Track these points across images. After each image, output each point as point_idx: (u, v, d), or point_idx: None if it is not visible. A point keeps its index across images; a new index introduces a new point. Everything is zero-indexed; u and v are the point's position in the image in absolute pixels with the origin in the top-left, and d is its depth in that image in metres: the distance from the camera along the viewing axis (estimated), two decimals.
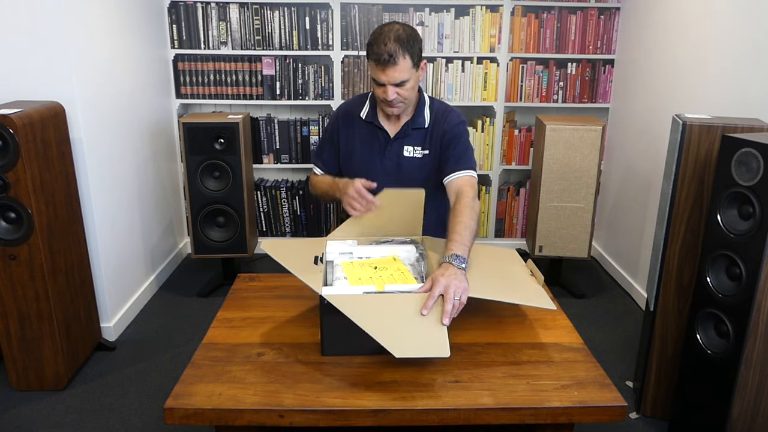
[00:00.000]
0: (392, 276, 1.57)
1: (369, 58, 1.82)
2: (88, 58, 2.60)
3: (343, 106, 2.08)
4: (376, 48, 1.77)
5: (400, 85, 1.82)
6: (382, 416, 1.27)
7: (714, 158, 1.97)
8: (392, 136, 1.98)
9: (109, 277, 2.80)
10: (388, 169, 1.98)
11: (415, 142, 1.96)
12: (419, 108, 1.97)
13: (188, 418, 1.28)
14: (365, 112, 2.00)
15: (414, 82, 1.86)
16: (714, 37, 2.60)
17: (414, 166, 1.97)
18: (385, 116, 1.99)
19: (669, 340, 2.19)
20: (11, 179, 2.15)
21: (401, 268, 1.62)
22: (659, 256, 2.13)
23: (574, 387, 1.35)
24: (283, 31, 3.51)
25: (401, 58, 1.77)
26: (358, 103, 2.04)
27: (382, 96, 1.85)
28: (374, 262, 1.66)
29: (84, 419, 2.25)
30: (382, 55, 1.75)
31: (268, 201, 3.76)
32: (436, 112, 1.98)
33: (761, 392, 1.81)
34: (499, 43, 3.58)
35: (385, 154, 1.98)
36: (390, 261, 1.67)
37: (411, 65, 1.81)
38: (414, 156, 1.96)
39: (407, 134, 1.97)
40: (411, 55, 1.79)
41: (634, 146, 3.37)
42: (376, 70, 1.80)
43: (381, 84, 1.82)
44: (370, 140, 1.99)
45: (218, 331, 1.58)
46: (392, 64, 1.76)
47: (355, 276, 1.57)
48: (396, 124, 1.98)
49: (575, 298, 3.29)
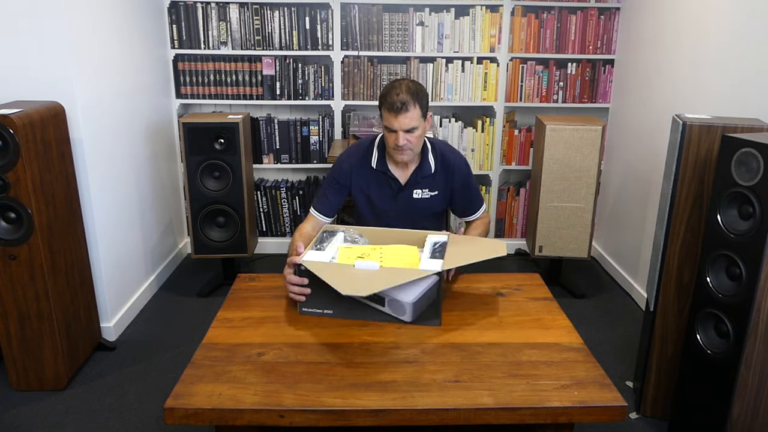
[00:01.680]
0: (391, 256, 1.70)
1: (382, 107, 2.00)
2: (88, 58, 2.60)
3: (352, 156, 2.19)
4: (389, 98, 1.96)
5: (410, 132, 1.98)
6: (382, 416, 1.27)
7: (714, 158, 1.97)
8: (403, 183, 2.14)
9: (109, 277, 2.80)
10: (401, 209, 2.16)
11: (424, 186, 2.15)
12: (424, 156, 2.14)
13: (188, 418, 1.28)
14: (375, 161, 2.15)
15: (421, 131, 2.03)
16: (714, 37, 2.60)
17: (423, 204, 2.17)
18: (394, 164, 2.14)
19: (669, 340, 2.19)
20: (11, 179, 2.15)
21: (410, 253, 1.74)
22: (659, 256, 2.13)
23: (574, 387, 1.35)
24: (283, 31, 3.51)
25: (412, 106, 1.95)
26: (364, 152, 2.17)
27: (393, 142, 2.00)
28: (385, 248, 1.78)
29: (84, 419, 2.25)
30: (396, 104, 1.94)
31: (268, 201, 3.76)
32: (441, 158, 2.16)
33: (761, 392, 1.81)
34: (499, 43, 3.58)
35: (397, 198, 2.16)
36: (401, 248, 1.77)
37: (420, 115, 1.99)
38: (423, 197, 2.16)
39: (417, 182, 2.14)
40: (420, 106, 1.98)
41: (634, 146, 3.37)
42: (390, 118, 1.97)
43: (393, 131, 1.98)
44: (383, 187, 2.16)
45: (218, 331, 1.58)
46: (404, 111, 1.94)
47: (345, 255, 1.72)
48: (405, 172, 2.15)
49: (575, 298, 3.29)
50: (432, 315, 1.61)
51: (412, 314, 1.61)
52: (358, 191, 2.17)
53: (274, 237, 3.86)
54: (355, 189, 2.17)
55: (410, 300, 1.60)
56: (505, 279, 1.91)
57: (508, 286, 1.87)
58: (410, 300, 1.60)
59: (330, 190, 2.17)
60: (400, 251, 1.76)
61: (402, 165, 2.13)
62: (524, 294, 1.82)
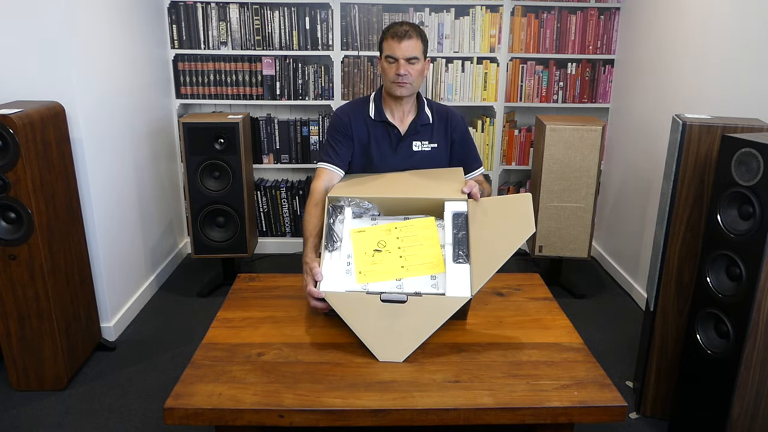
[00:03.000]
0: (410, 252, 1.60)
1: (384, 38, 2.00)
2: (88, 58, 2.60)
3: (348, 108, 2.13)
4: (393, 28, 1.99)
5: (411, 62, 1.97)
6: (382, 416, 1.27)
7: (714, 158, 1.97)
8: (403, 133, 2.09)
9: (109, 277, 2.80)
10: (402, 163, 2.08)
11: (423, 138, 2.10)
12: (420, 107, 2.11)
13: (188, 418, 1.28)
14: (373, 111, 2.10)
15: (421, 67, 2.02)
16: (714, 36, 2.60)
17: (424, 158, 2.10)
18: (392, 114, 2.10)
19: (669, 340, 2.19)
20: (11, 179, 2.15)
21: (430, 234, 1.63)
22: (659, 256, 2.13)
23: (574, 387, 1.35)
24: (283, 31, 3.51)
25: (415, 36, 1.98)
26: (361, 105, 2.13)
27: (393, 72, 1.98)
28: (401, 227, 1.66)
29: (84, 419, 2.25)
30: (399, 31, 1.96)
31: (268, 201, 3.76)
32: (436, 110, 2.14)
33: (761, 392, 1.81)
34: (499, 43, 3.58)
35: (397, 150, 2.09)
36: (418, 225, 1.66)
37: (422, 48, 2.00)
38: (423, 150, 2.10)
39: (417, 131, 2.09)
40: (422, 40, 2.01)
41: (634, 146, 3.37)
42: (392, 45, 1.97)
43: (393, 61, 1.98)
44: (383, 138, 2.09)
45: (218, 331, 1.58)
46: (408, 38, 1.96)
47: (361, 250, 1.62)
48: (404, 122, 2.10)
49: (575, 298, 3.29)
50: (460, 313, 1.54)
51: None
52: (357, 143, 2.09)
53: (274, 237, 3.86)
54: (356, 140, 2.09)
55: None
56: (505, 279, 1.91)
57: (508, 286, 1.87)
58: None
59: (335, 142, 2.07)
60: (418, 231, 1.64)
61: (400, 114, 2.09)
62: (524, 294, 1.82)
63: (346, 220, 1.70)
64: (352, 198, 1.74)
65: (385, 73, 2.03)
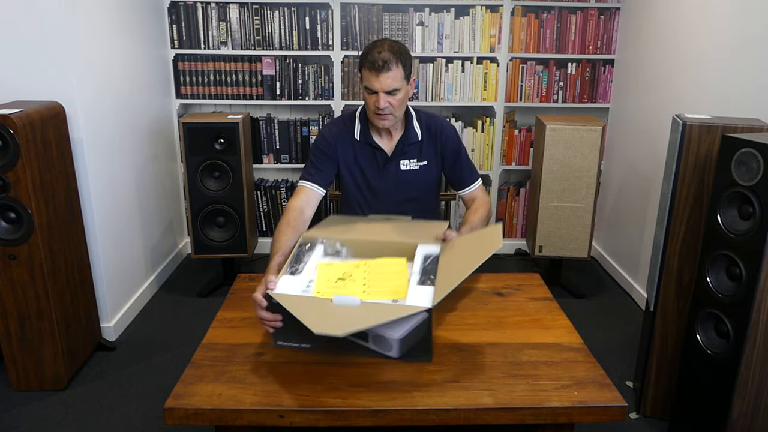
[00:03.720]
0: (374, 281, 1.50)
1: (362, 67, 1.86)
2: (88, 58, 2.60)
3: (335, 128, 2.05)
4: (370, 56, 1.82)
5: (391, 93, 1.86)
6: (382, 416, 1.27)
7: (714, 158, 1.97)
8: (389, 154, 2.02)
9: (109, 277, 2.80)
10: (388, 185, 2.03)
11: (411, 156, 2.03)
12: (408, 123, 2.02)
13: (188, 418, 1.28)
14: (358, 132, 2.02)
15: (404, 95, 1.90)
16: (714, 36, 2.60)
17: (411, 177, 2.03)
18: (378, 134, 2.02)
19: (669, 340, 2.19)
20: (11, 179, 2.15)
21: (398, 270, 1.57)
22: (659, 256, 2.13)
23: (574, 387, 1.35)
24: (283, 31, 3.51)
25: (394, 65, 1.82)
26: (346, 123, 2.05)
27: (373, 104, 1.87)
28: (370, 264, 1.60)
29: (84, 419, 2.25)
30: (377, 62, 1.80)
31: (268, 201, 3.76)
32: (426, 124, 2.04)
33: (761, 392, 1.81)
34: (499, 43, 3.58)
35: (384, 171, 2.03)
36: (388, 263, 1.61)
37: (403, 76, 1.86)
38: (411, 168, 2.03)
39: (404, 150, 2.02)
40: (404, 66, 1.85)
41: (634, 146, 3.37)
42: (370, 77, 1.83)
43: (373, 93, 1.86)
44: (370, 159, 2.03)
45: (218, 331, 1.58)
46: (386, 70, 1.81)
47: (324, 277, 1.53)
48: (390, 142, 2.03)
49: (575, 298, 3.29)
50: (422, 351, 1.41)
51: (400, 350, 1.42)
52: (344, 165, 2.02)
53: None
54: (342, 163, 2.02)
55: (397, 336, 1.40)
56: (505, 279, 1.91)
57: (508, 286, 1.87)
58: (397, 336, 1.40)
59: (317, 161, 2.00)
60: (386, 268, 1.58)
61: (387, 135, 2.01)
62: (524, 294, 1.82)
63: (315, 254, 1.66)
64: (326, 238, 1.72)
65: (366, 102, 1.91)
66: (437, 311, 1.64)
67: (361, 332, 1.40)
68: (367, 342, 1.42)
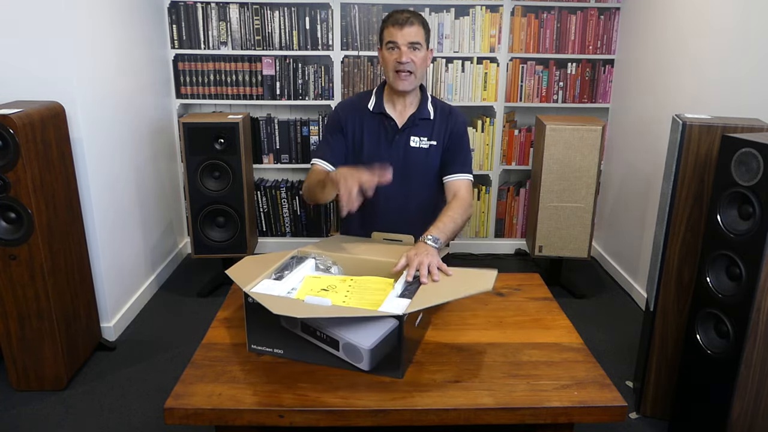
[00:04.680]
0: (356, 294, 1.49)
1: (385, 27, 1.94)
2: (88, 58, 2.60)
3: (346, 102, 2.12)
4: (395, 15, 1.92)
5: (414, 48, 1.91)
6: (382, 416, 1.27)
7: (714, 158, 1.97)
8: (400, 126, 2.02)
9: (109, 277, 2.80)
10: (395, 160, 1.99)
11: (422, 133, 2.02)
12: (423, 102, 2.05)
13: (188, 418, 1.28)
14: (372, 104, 2.05)
15: (424, 55, 1.95)
16: (714, 37, 2.60)
17: (420, 156, 2.02)
18: (392, 106, 2.04)
19: (669, 340, 2.19)
20: (11, 179, 2.15)
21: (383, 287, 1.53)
22: (659, 256, 2.13)
23: (574, 387, 1.35)
24: (283, 31, 3.51)
25: (417, 22, 1.92)
26: (362, 98, 2.08)
27: (395, 59, 1.91)
28: (357, 280, 1.58)
29: (84, 419, 2.25)
30: (401, 17, 1.90)
31: (268, 201, 3.76)
32: (440, 107, 2.07)
33: (761, 392, 1.81)
34: (499, 43, 3.58)
35: (393, 144, 2.02)
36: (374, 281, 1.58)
37: (424, 35, 1.94)
38: (420, 146, 2.02)
39: (415, 124, 2.02)
40: (425, 28, 1.94)
41: (634, 146, 3.37)
42: (393, 31, 1.90)
43: (395, 48, 1.91)
44: (378, 130, 2.03)
45: (218, 331, 1.58)
46: (409, 24, 1.90)
47: (308, 287, 1.53)
48: (403, 115, 2.03)
49: (575, 298, 3.29)
50: (393, 365, 1.35)
51: (371, 362, 1.36)
52: (350, 137, 2.03)
53: (274, 237, 3.86)
54: (350, 134, 2.03)
55: (367, 346, 1.34)
56: (505, 279, 1.91)
57: (508, 286, 1.87)
58: (367, 346, 1.34)
59: (330, 137, 2.04)
60: (371, 285, 1.55)
61: (401, 106, 2.02)
62: (524, 294, 1.82)
63: (304, 267, 1.64)
64: (318, 254, 1.71)
65: (386, 63, 1.94)
66: (433, 313, 1.65)
67: (332, 339, 1.37)
68: (338, 351, 1.38)
